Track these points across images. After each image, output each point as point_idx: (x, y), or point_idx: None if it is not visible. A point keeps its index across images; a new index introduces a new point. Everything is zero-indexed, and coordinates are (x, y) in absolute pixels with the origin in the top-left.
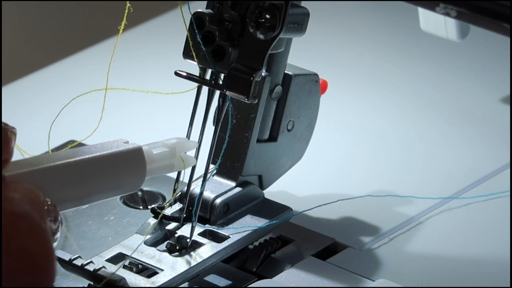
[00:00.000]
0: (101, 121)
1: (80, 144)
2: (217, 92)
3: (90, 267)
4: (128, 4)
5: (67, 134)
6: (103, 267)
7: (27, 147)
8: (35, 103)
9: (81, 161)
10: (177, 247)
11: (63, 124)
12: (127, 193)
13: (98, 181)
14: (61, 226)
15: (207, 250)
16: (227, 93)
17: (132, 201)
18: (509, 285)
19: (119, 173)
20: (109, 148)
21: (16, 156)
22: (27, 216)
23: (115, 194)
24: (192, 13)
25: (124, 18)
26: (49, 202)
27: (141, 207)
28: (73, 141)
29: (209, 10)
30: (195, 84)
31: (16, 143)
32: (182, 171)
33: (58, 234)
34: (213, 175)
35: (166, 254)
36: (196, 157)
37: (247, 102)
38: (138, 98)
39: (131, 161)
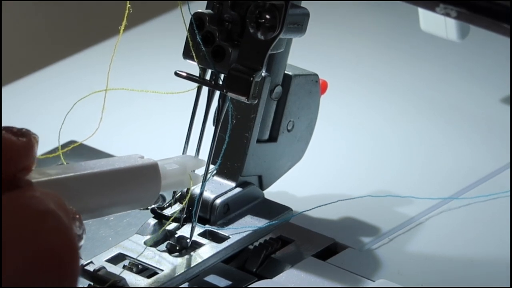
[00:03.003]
0: (102, 121)
1: (81, 145)
2: (217, 93)
3: (90, 268)
4: (129, 5)
5: (67, 134)
6: (103, 267)
7: None
8: (35, 103)
9: (98, 174)
10: (177, 248)
11: (63, 124)
12: (140, 208)
13: (113, 195)
14: (85, 234)
15: (207, 250)
16: (227, 93)
17: None
18: (509, 285)
19: (135, 188)
20: (125, 162)
21: None
22: (53, 214)
23: (129, 208)
24: (192, 13)
25: (125, 19)
26: (73, 210)
27: (141, 208)
28: (74, 142)
29: (209, 11)
30: (195, 84)
31: None
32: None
33: (82, 242)
34: (213, 175)
35: (166, 254)
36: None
37: (247, 102)
38: (138, 98)
39: (146, 176)
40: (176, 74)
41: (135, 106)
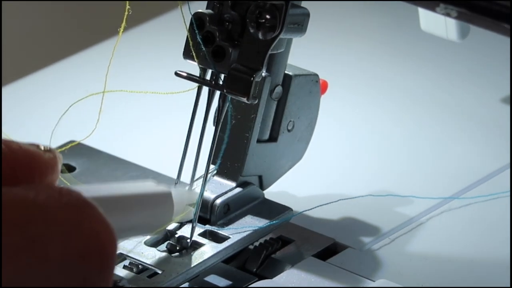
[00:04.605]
0: (102, 122)
1: (80, 144)
2: (217, 93)
3: None
4: (128, 6)
5: (67, 134)
6: None
7: None
8: (35, 103)
9: (111, 198)
10: (178, 248)
11: (62, 124)
12: (150, 233)
13: (124, 221)
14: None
15: (207, 250)
16: (227, 93)
17: None
18: (509, 285)
19: (147, 215)
20: (138, 188)
21: None
22: (93, 204)
23: (138, 234)
24: (192, 13)
25: (124, 21)
26: None
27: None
28: (72, 141)
29: (209, 11)
30: (195, 84)
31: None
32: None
33: None
34: (213, 175)
35: (166, 254)
36: (197, 158)
37: (247, 102)
38: (139, 98)
39: (159, 204)
40: (176, 74)
41: (135, 106)
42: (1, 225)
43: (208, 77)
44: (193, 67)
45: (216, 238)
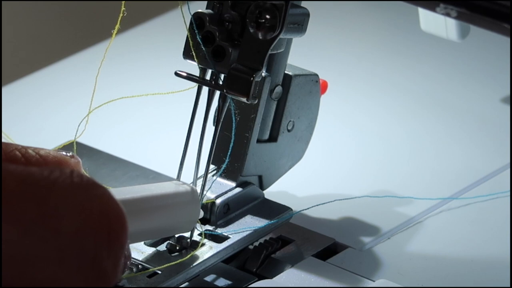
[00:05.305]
0: (102, 121)
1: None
2: (217, 93)
3: None
4: (123, 8)
5: (68, 134)
6: None
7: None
8: (35, 103)
9: (139, 200)
10: (177, 247)
11: (62, 124)
12: (179, 233)
13: (152, 221)
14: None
15: (207, 250)
16: (227, 93)
17: None
18: (509, 285)
19: (175, 214)
20: (163, 188)
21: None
22: (103, 186)
23: (168, 234)
24: (192, 13)
25: (118, 22)
26: None
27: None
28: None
29: (209, 10)
30: (195, 84)
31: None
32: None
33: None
34: (213, 176)
35: (166, 254)
36: (198, 158)
37: (247, 102)
38: (139, 98)
39: (186, 202)
40: (176, 74)
41: (135, 105)
42: (18, 200)
43: (208, 77)
44: (193, 67)
45: (216, 238)
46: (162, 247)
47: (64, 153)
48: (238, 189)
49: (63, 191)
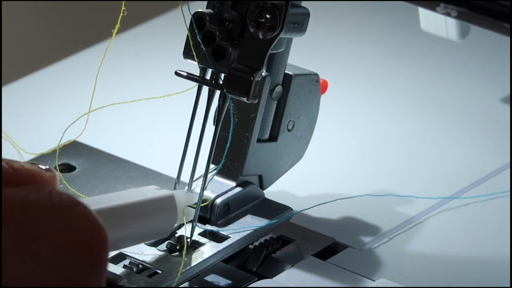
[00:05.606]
0: (102, 121)
1: (82, 145)
2: (218, 92)
3: None
4: (124, 8)
5: (68, 135)
6: None
7: (26, 147)
8: (35, 103)
9: (116, 208)
10: (177, 247)
11: (62, 124)
12: (155, 239)
13: (130, 228)
14: None
15: (207, 250)
16: (227, 93)
17: None
18: (509, 285)
19: (152, 220)
20: (142, 195)
21: (13, 154)
22: (83, 204)
23: (145, 240)
24: (192, 13)
25: (118, 22)
26: None
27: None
28: (74, 142)
29: (210, 10)
30: (194, 85)
31: (15, 142)
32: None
33: None
34: (214, 175)
35: (166, 254)
36: (196, 157)
37: (247, 102)
38: (139, 98)
39: (163, 208)
40: (177, 73)
41: (135, 105)
42: None
43: (208, 76)
44: (193, 67)
45: (216, 237)
46: (162, 247)
47: (40, 166)
48: (238, 189)
49: (41, 212)
